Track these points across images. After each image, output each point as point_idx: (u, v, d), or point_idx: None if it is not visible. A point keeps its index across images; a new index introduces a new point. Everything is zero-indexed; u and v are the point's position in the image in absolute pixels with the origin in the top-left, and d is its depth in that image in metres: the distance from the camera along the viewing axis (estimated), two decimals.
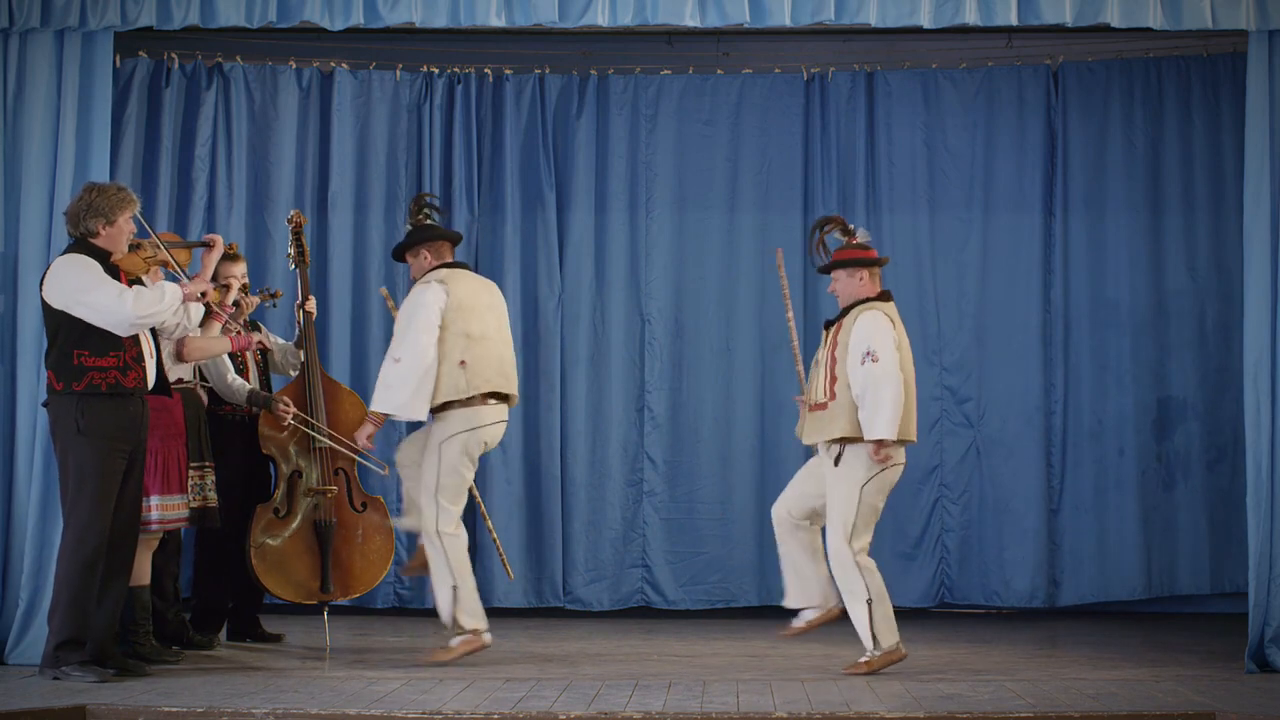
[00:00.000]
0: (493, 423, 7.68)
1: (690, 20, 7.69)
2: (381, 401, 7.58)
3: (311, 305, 8.54)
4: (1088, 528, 9.88)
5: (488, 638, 7.66)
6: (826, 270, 7.63)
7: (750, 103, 10.15)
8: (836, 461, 7.36)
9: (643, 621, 9.65)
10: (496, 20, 7.67)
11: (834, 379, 7.37)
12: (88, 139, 7.66)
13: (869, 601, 7.27)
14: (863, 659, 7.32)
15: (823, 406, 7.41)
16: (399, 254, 7.94)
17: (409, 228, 7.90)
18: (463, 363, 7.55)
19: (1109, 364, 9.96)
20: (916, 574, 9.90)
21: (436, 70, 10.06)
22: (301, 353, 8.48)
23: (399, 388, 7.50)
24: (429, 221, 7.88)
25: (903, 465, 7.43)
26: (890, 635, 7.31)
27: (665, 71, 10.15)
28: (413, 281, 7.80)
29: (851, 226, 7.69)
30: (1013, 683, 6.98)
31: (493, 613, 9.59)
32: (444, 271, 7.73)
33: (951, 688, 6.84)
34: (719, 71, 10.16)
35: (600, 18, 7.66)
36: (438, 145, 10.04)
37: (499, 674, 7.25)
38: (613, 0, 7.66)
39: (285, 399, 8.20)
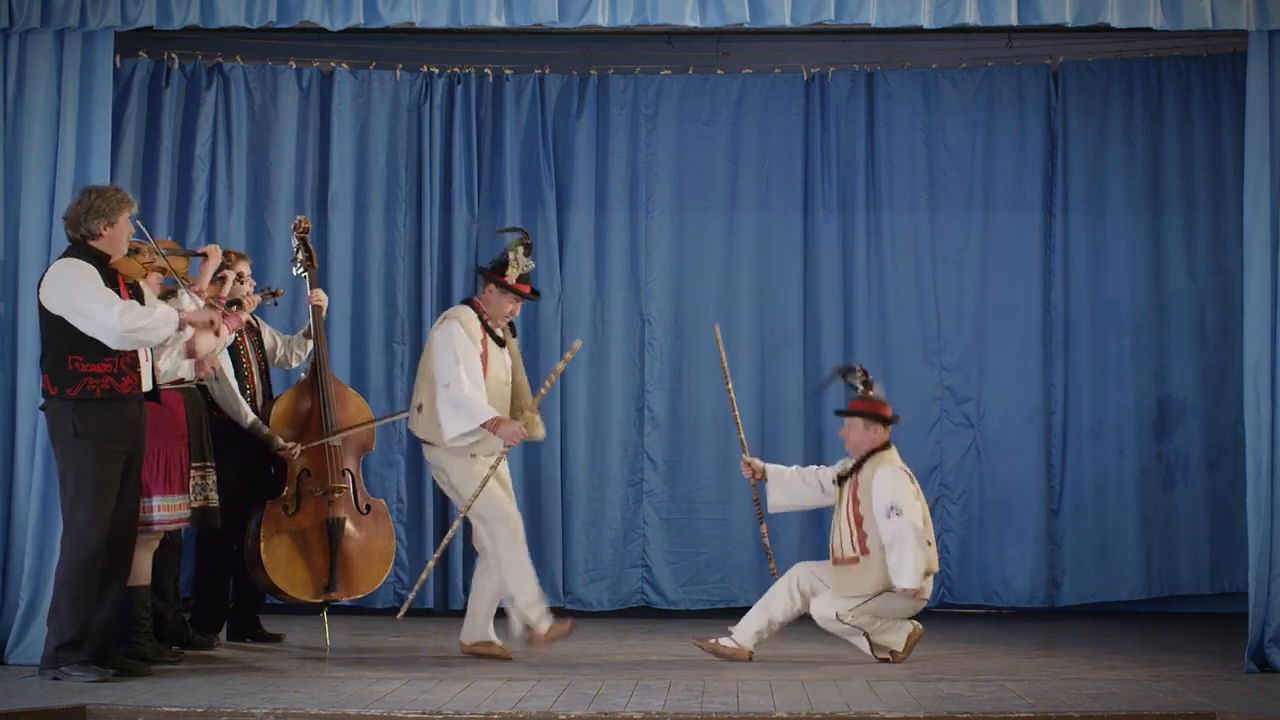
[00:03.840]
0: None
1: (690, 20, 7.69)
2: None
3: (321, 299, 8.54)
4: (1088, 528, 9.88)
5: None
6: (844, 415, 8.02)
7: (750, 103, 10.16)
8: None
9: (643, 621, 9.65)
10: (496, 20, 7.67)
11: (863, 535, 7.80)
12: (88, 139, 7.65)
13: (867, 635, 7.84)
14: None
15: (854, 561, 7.83)
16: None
17: (531, 265, 8.00)
18: None
19: (1109, 364, 9.96)
20: None
21: (436, 70, 10.06)
22: (309, 344, 8.51)
23: None
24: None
25: (924, 602, 7.95)
26: (897, 640, 7.89)
27: (665, 71, 10.15)
28: (500, 318, 8.00)
29: (871, 379, 8.08)
30: (1013, 683, 6.98)
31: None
32: None
33: (951, 688, 6.84)
34: (719, 71, 10.16)
35: (600, 18, 7.66)
36: (438, 145, 10.04)
37: (499, 674, 7.25)
38: (613, 0, 7.65)
39: (284, 442, 8.21)
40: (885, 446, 7.93)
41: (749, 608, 9.86)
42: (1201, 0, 7.55)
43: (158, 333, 6.98)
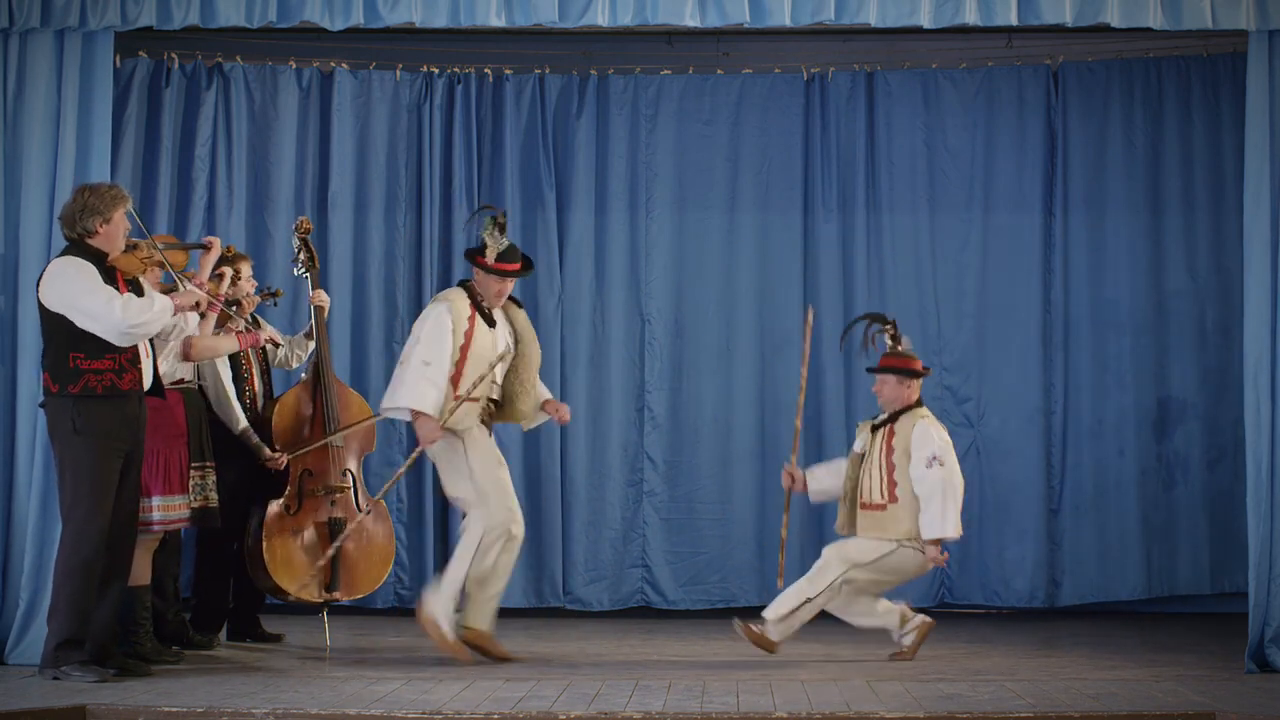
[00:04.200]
0: None
1: (690, 20, 7.68)
2: None
3: (323, 299, 8.52)
4: (1088, 528, 9.87)
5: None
6: (878, 371, 7.99)
7: (750, 103, 10.15)
8: None
9: (643, 621, 9.65)
10: (496, 20, 7.67)
11: (894, 483, 7.78)
12: (88, 139, 7.65)
13: (808, 600, 7.77)
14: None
15: (880, 508, 7.83)
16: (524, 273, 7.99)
17: (507, 243, 7.90)
18: None
19: (1109, 364, 9.96)
20: None
21: (436, 70, 10.06)
22: (310, 344, 8.50)
23: None
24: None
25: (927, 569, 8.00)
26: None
27: (665, 71, 10.15)
28: (493, 295, 7.88)
29: (899, 333, 8.09)
30: (1013, 683, 6.98)
31: None
32: None
33: (951, 688, 6.84)
34: (719, 71, 10.16)
35: (600, 18, 7.66)
36: (438, 145, 10.04)
37: (499, 674, 7.25)
38: (613, 0, 7.65)
39: (270, 453, 8.19)
40: (919, 403, 7.97)
41: (749, 608, 9.90)
42: (1201, 0, 7.55)
43: (159, 323, 7.00)
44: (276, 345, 8.47)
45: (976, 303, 10.07)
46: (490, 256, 7.82)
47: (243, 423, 8.19)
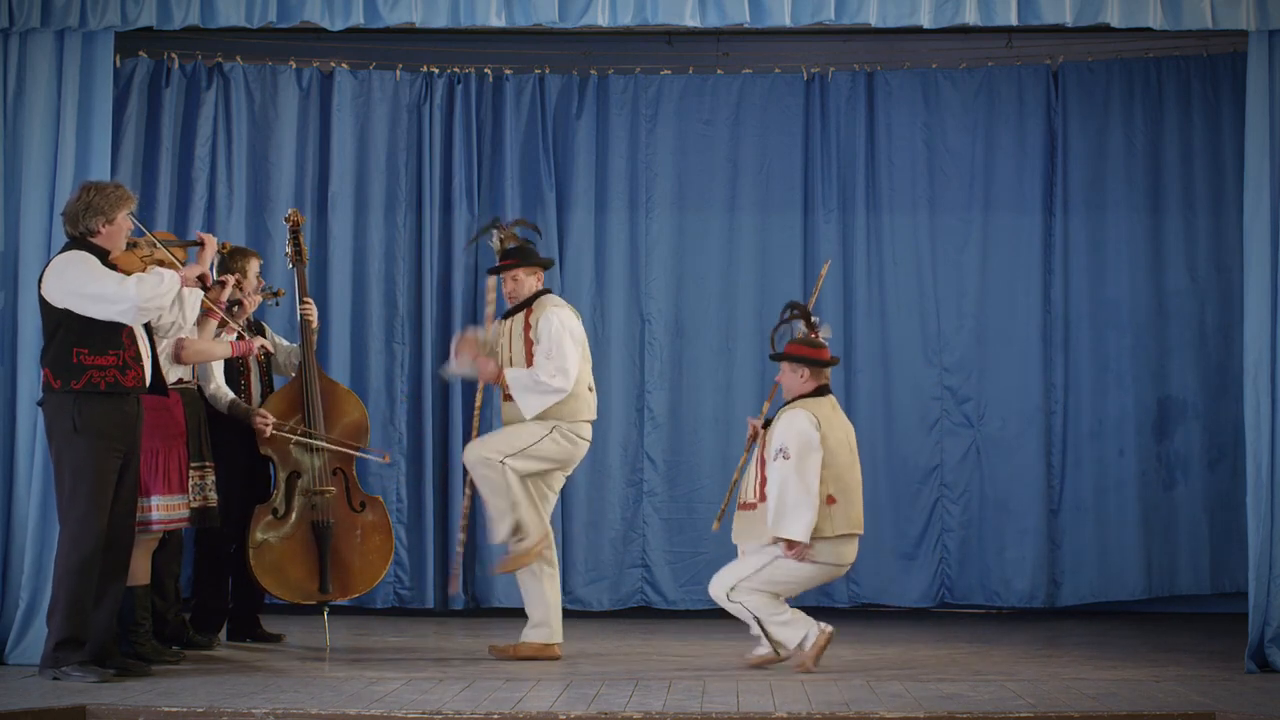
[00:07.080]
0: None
1: (690, 20, 7.68)
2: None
3: (311, 313, 8.48)
4: (1088, 528, 9.88)
5: None
6: (777, 359, 7.66)
7: (750, 103, 10.16)
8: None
9: (643, 621, 9.65)
10: (496, 20, 7.67)
11: (764, 479, 7.44)
12: (88, 139, 7.65)
13: (758, 620, 7.49)
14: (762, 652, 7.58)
15: (752, 506, 7.51)
16: (505, 269, 7.90)
17: (508, 245, 7.94)
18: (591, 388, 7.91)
19: (1109, 364, 9.96)
20: (916, 574, 9.91)
21: (436, 70, 10.06)
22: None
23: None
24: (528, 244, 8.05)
25: (841, 569, 7.53)
26: (791, 637, 7.46)
27: (665, 71, 10.15)
28: (505, 297, 7.94)
29: (815, 320, 7.67)
30: (1013, 683, 6.98)
31: (492, 613, 9.66)
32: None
33: (951, 688, 6.84)
34: (719, 71, 10.16)
35: (600, 18, 7.66)
36: (438, 145, 10.04)
37: (499, 674, 7.25)
38: (613, 0, 7.66)
39: (263, 412, 8.18)
40: (816, 393, 7.51)
41: None
42: (1201, 0, 7.56)
43: (169, 295, 7.03)
44: (269, 354, 8.42)
45: (976, 303, 10.07)
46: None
47: (229, 395, 8.17)
